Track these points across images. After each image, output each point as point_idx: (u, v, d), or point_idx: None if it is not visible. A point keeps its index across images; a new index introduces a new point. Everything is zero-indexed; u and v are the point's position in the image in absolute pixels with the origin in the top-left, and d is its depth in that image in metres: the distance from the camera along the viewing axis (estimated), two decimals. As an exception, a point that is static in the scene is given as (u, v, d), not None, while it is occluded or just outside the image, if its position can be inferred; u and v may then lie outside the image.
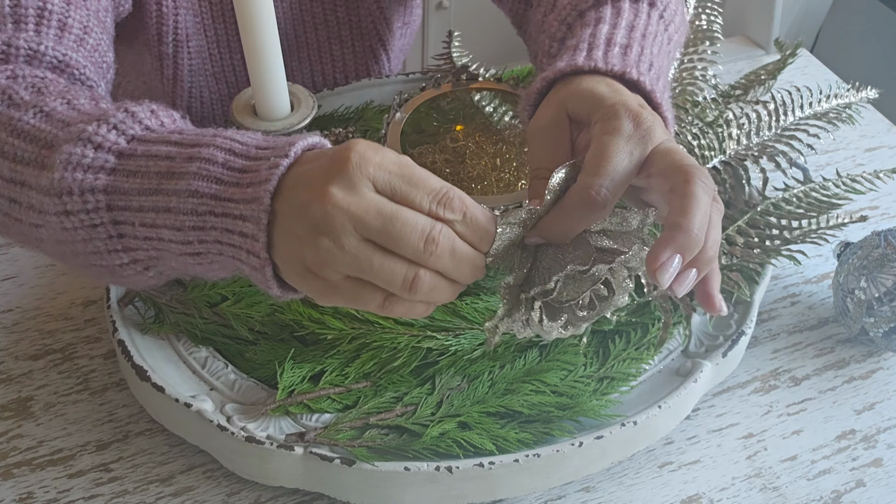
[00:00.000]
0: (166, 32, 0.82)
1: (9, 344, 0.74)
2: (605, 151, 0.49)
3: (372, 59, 0.95)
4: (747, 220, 0.75)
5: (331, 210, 0.43)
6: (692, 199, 0.46)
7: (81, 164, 0.49)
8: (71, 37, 0.62)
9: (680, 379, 0.66)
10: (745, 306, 0.71)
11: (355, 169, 0.44)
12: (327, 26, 0.91)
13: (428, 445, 0.60)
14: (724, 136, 0.79)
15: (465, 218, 0.46)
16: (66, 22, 0.62)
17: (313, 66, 0.94)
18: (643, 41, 0.60)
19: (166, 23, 0.81)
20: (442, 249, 0.44)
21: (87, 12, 0.64)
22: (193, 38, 0.85)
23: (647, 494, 0.66)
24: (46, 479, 0.65)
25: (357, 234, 0.44)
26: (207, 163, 0.47)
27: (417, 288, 0.45)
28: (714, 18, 0.89)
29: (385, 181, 0.44)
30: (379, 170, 0.44)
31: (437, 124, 0.73)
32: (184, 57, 0.85)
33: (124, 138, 0.50)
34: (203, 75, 0.89)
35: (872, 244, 0.72)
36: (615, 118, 0.50)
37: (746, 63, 1.12)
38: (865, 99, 0.85)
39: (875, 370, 0.75)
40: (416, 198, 0.45)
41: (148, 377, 0.63)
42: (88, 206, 0.49)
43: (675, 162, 0.49)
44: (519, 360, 0.66)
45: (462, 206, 0.45)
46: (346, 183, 0.43)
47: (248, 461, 0.62)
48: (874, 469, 0.68)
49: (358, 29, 0.92)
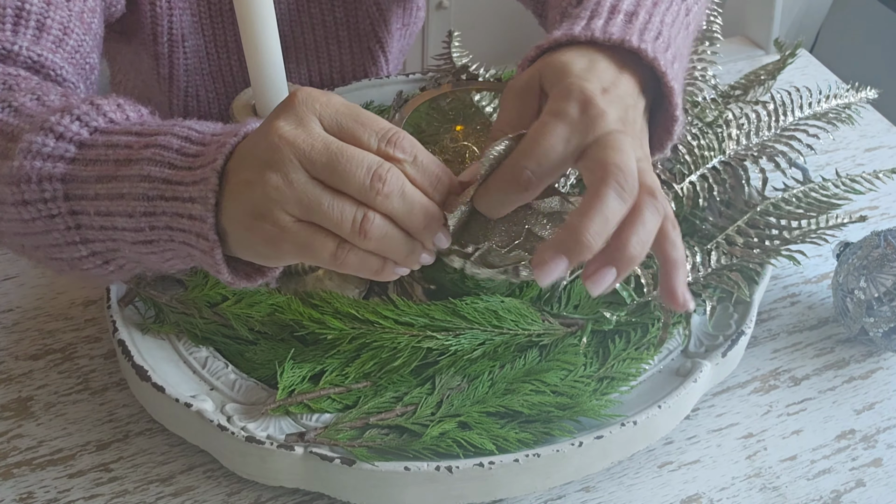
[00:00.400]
0: (161, 32, 0.82)
1: (9, 344, 0.74)
2: (541, 133, 0.46)
3: (370, 60, 0.95)
4: (747, 221, 0.75)
5: (278, 142, 0.42)
6: (596, 200, 0.43)
7: (41, 152, 0.48)
8: (49, 38, 0.62)
9: (680, 379, 0.66)
10: (745, 306, 0.71)
11: (302, 105, 0.43)
12: (325, 27, 0.90)
13: (428, 445, 0.60)
14: (723, 136, 0.79)
15: (415, 161, 0.44)
16: (45, 23, 0.62)
17: (310, 67, 0.94)
18: (653, 8, 0.56)
19: (160, 23, 0.81)
20: (390, 188, 0.43)
21: (69, 13, 0.64)
22: (190, 37, 0.85)
23: (646, 494, 0.66)
24: (46, 478, 0.65)
25: (305, 171, 0.43)
26: (162, 149, 0.47)
27: (368, 231, 0.43)
28: (714, 18, 0.89)
29: (332, 118, 0.44)
30: (326, 107, 0.43)
31: (436, 124, 0.73)
32: (179, 56, 0.85)
33: (87, 129, 0.50)
34: (200, 74, 0.89)
35: (872, 244, 0.72)
36: (564, 99, 0.47)
37: (746, 63, 1.12)
38: (865, 99, 0.85)
39: (875, 370, 0.75)
40: (364, 136, 0.44)
41: (148, 377, 0.63)
42: (46, 194, 0.49)
43: (601, 158, 0.45)
44: (519, 360, 0.66)
45: (413, 149, 0.44)
46: (293, 118, 0.43)
47: (248, 461, 0.62)
48: (874, 469, 0.68)
49: (356, 30, 0.92)
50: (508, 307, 0.67)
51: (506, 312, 0.66)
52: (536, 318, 0.67)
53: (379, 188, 0.43)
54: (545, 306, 0.69)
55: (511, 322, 0.66)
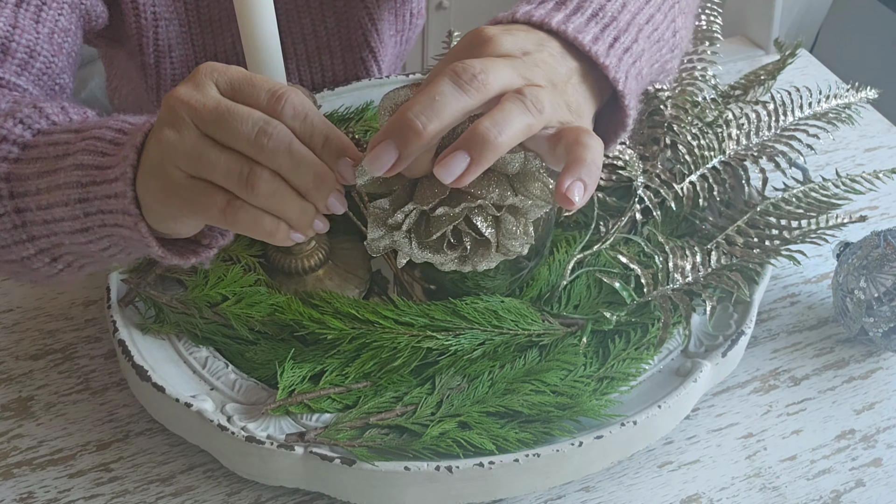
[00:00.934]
0: (147, 43, 0.82)
1: (9, 344, 0.74)
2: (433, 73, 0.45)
3: (362, 68, 0.94)
4: (747, 221, 0.75)
5: (173, 103, 0.44)
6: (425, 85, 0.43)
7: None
8: (14, 61, 0.63)
9: (680, 379, 0.66)
10: (745, 306, 0.71)
11: (200, 73, 0.45)
12: (316, 37, 0.90)
13: (428, 445, 0.60)
14: (723, 136, 0.79)
15: (305, 119, 0.44)
16: (10, 46, 0.63)
17: (302, 75, 0.93)
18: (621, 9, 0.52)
19: (146, 33, 0.81)
20: (276, 143, 0.43)
21: (37, 35, 0.65)
22: (177, 47, 0.84)
23: (646, 494, 0.66)
24: (47, 478, 0.65)
25: (196, 128, 0.44)
26: (96, 140, 0.48)
27: (255, 185, 0.43)
28: (714, 19, 0.89)
29: (227, 82, 0.45)
30: (223, 74, 0.45)
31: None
32: (166, 67, 0.85)
33: (30, 132, 0.51)
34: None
35: (872, 244, 0.72)
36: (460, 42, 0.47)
37: (746, 63, 1.12)
38: (865, 99, 0.85)
39: (875, 370, 0.75)
40: (255, 94, 0.44)
41: (148, 377, 0.63)
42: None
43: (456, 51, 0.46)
44: (519, 360, 0.66)
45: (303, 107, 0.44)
46: (191, 84, 0.45)
47: (248, 461, 0.62)
48: (874, 469, 0.68)
49: (347, 40, 0.92)
50: (508, 307, 0.67)
51: (506, 312, 0.66)
52: (536, 318, 0.67)
53: (264, 143, 0.43)
54: (545, 306, 0.69)
55: (511, 322, 0.66)
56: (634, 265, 0.71)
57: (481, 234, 0.46)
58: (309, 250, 0.71)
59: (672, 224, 0.77)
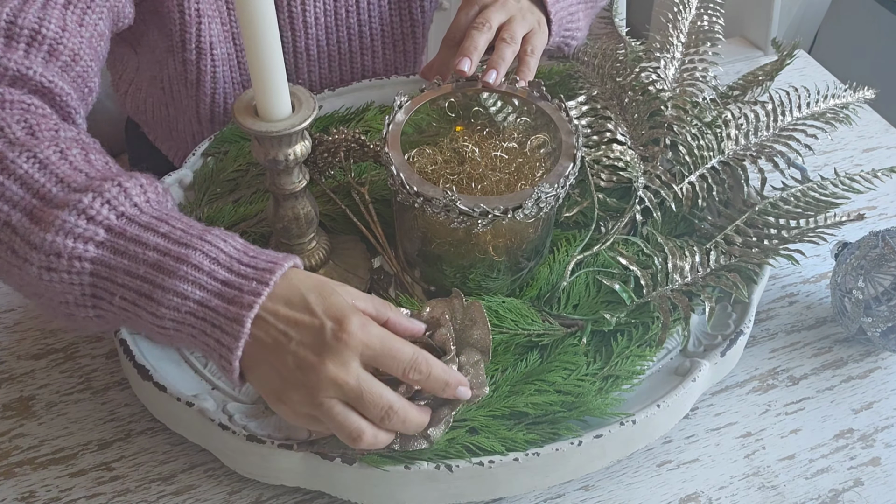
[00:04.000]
0: (189, 39, 0.84)
1: (11, 343, 0.74)
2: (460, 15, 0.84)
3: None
4: (745, 220, 0.75)
5: (324, 381, 0.52)
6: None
7: (73, 232, 0.53)
8: (58, 63, 0.65)
9: (679, 378, 0.66)
10: (744, 306, 0.71)
11: (345, 347, 0.52)
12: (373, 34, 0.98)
13: (438, 452, 0.60)
14: (722, 136, 0.79)
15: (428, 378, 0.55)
16: (57, 48, 0.64)
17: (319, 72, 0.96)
18: None
19: (189, 30, 0.83)
20: (394, 423, 0.55)
21: (81, 39, 0.66)
22: (219, 45, 0.87)
23: (646, 493, 0.66)
24: (48, 477, 0.65)
25: (337, 399, 0.53)
26: (194, 269, 0.53)
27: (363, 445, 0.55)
28: (715, 20, 0.89)
29: (369, 357, 0.54)
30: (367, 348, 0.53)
31: (437, 125, 0.73)
32: (207, 63, 0.86)
33: (115, 214, 0.55)
34: (230, 83, 0.90)
35: (870, 244, 0.73)
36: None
37: (745, 64, 1.13)
38: (863, 99, 0.85)
39: (873, 369, 0.75)
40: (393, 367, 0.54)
41: (150, 376, 0.63)
42: (73, 269, 0.54)
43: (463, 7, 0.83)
44: (521, 363, 0.66)
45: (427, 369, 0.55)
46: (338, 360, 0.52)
47: (249, 460, 0.62)
48: (872, 468, 0.68)
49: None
50: (509, 307, 0.67)
51: (506, 312, 0.67)
52: (536, 318, 0.67)
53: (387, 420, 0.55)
54: (545, 306, 0.70)
55: (511, 322, 0.66)
56: (634, 266, 0.71)
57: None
58: (310, 250, 0.71)
59: (671, 224, 0.77)
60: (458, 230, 0.64)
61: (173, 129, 0.98)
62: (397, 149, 0.65)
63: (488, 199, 0.63)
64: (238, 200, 0.78)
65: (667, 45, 0.87)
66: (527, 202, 0.62)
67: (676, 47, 0.87)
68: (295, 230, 0.69)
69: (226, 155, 0.82)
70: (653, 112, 0.81)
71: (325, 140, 0.73)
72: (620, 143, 0.78)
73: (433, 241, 0.67)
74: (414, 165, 0.68)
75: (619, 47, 0.89)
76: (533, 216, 0.63)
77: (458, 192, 0.62)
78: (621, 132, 0.79)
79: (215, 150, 0.83)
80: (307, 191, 0.68)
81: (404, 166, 0.64)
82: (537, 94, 0.71)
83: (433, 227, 0.66)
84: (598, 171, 0.78)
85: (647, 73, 0.82)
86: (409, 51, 0.99)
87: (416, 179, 0.63)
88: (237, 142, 0.83)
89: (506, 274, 0.69)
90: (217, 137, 0.84)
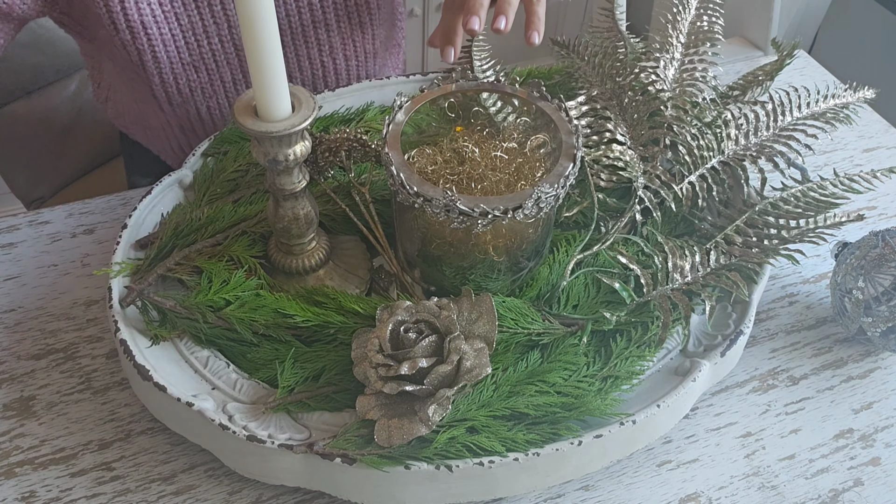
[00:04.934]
0: (118, 20, 0.83)
1: (11, 343, 0.74)
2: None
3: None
4: (745, 220, 0.75)
5: None
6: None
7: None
8: None
9: (679, 378, 0.66)
10: (744, 306, 0.71)
11: None
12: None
13: (438, 451, 0.60)
14: (722, 136, 0.79)
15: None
16: None
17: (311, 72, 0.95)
18: None
19: (113, 10, 0.82)
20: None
21: None
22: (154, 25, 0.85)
23: (646, 493, 0.66)
24: (49, 477, 0.65)
25: None
26: None
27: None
28: (715, 20, 0.89)
29: None
30: None
31: (437, 125, 0.73)
32: (143, 43, 0.85)
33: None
34: (178, 63, 0.89)
35: (870, 244, 0.73)
36: None
37: (744, 64, 1.13)
38: (863, 99, 0.85)
39: (873, 370, 0.75)
40: None
41: (150, 377, 0.63)
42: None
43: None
44: (521, 363, 0.66)
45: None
46: None
47: (249, 460, 0.62)
48: (872, 468, 0.68)
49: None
50: (509, 306, 0.67)
51: (506, 311, 0.67)
52: (536, 318, 0.68)
53: None
54: (545, 306, 0.70)
55: (511, 321, 0.66)
56: (634, 265, 0.71)
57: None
58: (310, 250, 0.72)
59: (671, 224, 0.77)
60: (458, 230, 0.64)
61: (146, 125, 0.97)
62: (397, 149, 0.65)
63: (488, 199, 0.63)
64: (238, 200, 0.78)
65: (666, 45, 0.87)
66: (527, 202, 0.62)
67: (676, 47, 0.87)
68: (295, 230, 0.69)
69: (226, 155, 0.82)
70: (652, 112, 0.81)
71: (325, 139, 0.73)
72: (620, 143, 0.78)
73: (433, 241, 0.67)
74: (414, 165, 0.68)
75: (619, 46, 0.89)
76: (533, 216, 0.63)
77: (458, 193, 0.62)
78: (621, 132, 0.79)
79: (215, 150, 0.83)
80: (307, 191, 0.68)
81: (404, 166, 0.64)
82: (537, 94, 0.71)
83: (433, 228, 0.66)
84: (597, 171, 0.78)
85: (647, 74, 0.82)
86: (364, 21, 0.98)
87: (416, 179, 0.63)
88: (237, 142, 0.83)
89: (506, 274, 0.69)
90: (217, 138, 0.84)
